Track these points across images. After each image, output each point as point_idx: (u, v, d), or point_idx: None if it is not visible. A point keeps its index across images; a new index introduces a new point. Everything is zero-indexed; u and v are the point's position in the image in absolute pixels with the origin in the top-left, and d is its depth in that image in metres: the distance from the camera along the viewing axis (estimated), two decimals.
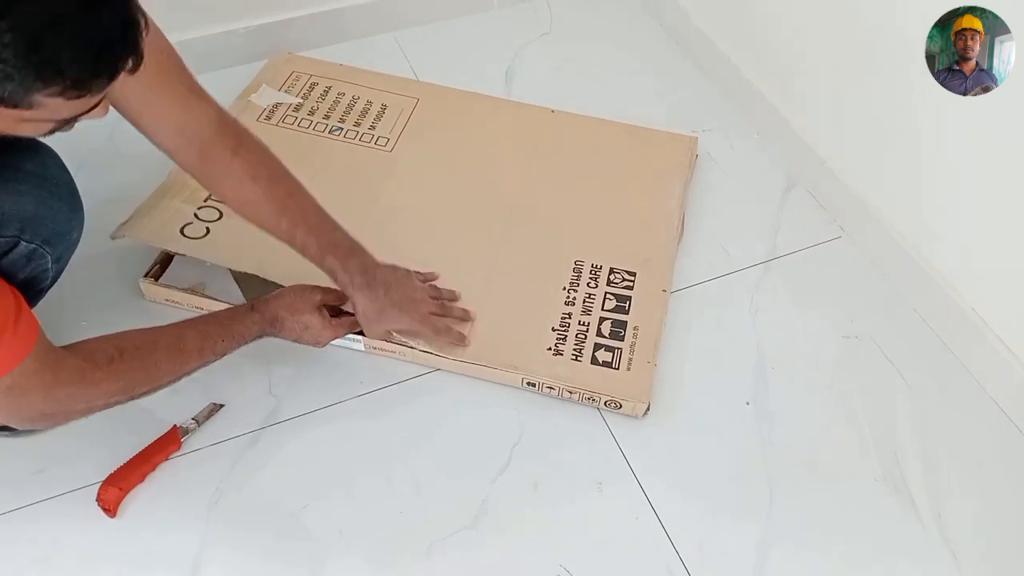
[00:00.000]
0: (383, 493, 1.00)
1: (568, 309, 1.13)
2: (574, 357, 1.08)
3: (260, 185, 0.95)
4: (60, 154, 0.91)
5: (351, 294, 1.01)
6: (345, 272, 0.99)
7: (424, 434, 1.05)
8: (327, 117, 1.37)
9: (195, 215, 1.17)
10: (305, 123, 1.36)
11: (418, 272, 1.11)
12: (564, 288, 1.16)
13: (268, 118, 1.35)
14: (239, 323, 0.96)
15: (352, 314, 1.03)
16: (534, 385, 1.07)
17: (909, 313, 1.20)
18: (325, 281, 1.02)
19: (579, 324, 1.11)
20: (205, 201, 1.18)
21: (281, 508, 0.98)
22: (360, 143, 1.34)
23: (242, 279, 1.15)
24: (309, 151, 1.30)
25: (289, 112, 1.37)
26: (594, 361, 1.08)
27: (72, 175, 0.92)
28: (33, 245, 0.86)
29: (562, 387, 1.06)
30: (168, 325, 0.91)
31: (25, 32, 0.56)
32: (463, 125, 1.38)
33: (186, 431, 1.01)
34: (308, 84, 1.42)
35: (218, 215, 1.17)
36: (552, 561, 0.95)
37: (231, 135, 0.94)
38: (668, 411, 1.08)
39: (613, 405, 1.06)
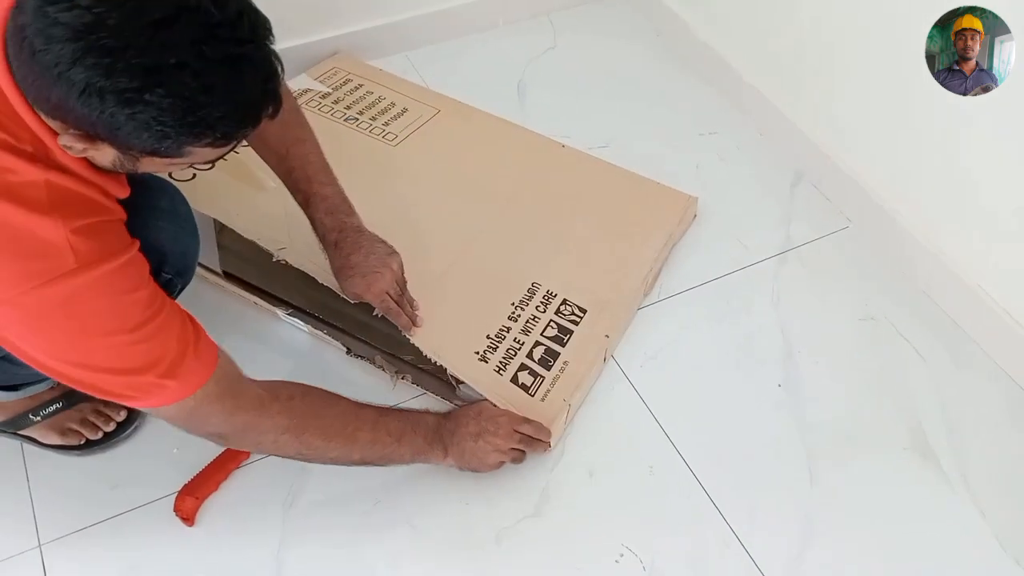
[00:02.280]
0: (446, 487, 1.04)
1: (509, 324, 1.14)
2: (497, 369, 1.09)
3: (275, 122, 0.97)
4: None
5: (324, 247, 1.05)
6: (322, 224, 1.03)
7: None
8: (348, 108, 1.45)
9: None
10: (326, 109, 1.44)
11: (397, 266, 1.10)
12: (513, 303, 1.17)
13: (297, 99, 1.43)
14: (416, 412, 1.00)
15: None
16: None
17: (918, 293, 1.28)
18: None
19: (514, 341, 1.12)
20: None
21: (353, 507, 1.02)
22: (369, 134, 1.40)
23: (223, 247, 1.18)
24: (316, 129, 1.31)
25: (315, 98, 1.46)
26: (514, 380, 1.08)
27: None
28: (169, 276, 0.90)
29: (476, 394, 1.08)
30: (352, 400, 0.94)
31: (182, 97, 0.61)
32: (472, 140, 1.43)
33: None
34: (343, 79, 1.51)
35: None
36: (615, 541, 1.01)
37: None
38: (707, 398, 1.15)
39: None
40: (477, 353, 1.11)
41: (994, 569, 1.01)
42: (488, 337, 1.13)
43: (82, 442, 1.05)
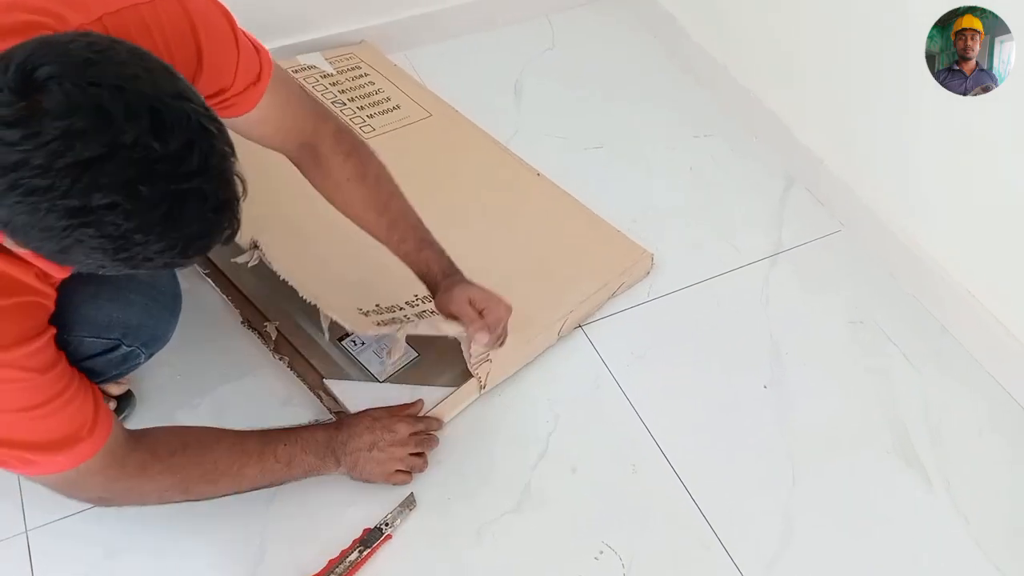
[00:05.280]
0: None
1: (403, 305, 1.14)
2: (376, 324, 1.10)
3: (368, 185, 0.99)
4: None
5: (439, 285, 1.02)
6: (432, 270, 1.02)
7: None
8: (342, 92, 1.47)
9: None
10: (320, 88, 1.46)
11: None
12: (416, 294, 1.14)
13: (296, 72, 1.46)
14: (304, 429, 0.99)
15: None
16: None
17: (907, 298, 1.29)
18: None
19: (401, 312, 1.13)
20: None
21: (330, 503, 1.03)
22: (348, 121, 1.40)
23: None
24: None
25: (315, 75, 1.48)
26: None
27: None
28: (131, 348, 0.91)
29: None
30: (237, 430, 0.95)
31: (112, 237, 0.59)
32: (447, 150, 1.42)
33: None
34: (352, 66, 1.54)
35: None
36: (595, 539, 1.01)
37: (346, 143, 0.98)
38: (692, 398, 1.15)
39: None
40: (360, 309, 1.11)
41: (974, 574, 1.01)
42: (377, 305, 1.13)
43: None
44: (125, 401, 1.09)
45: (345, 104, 1.45)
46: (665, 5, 1.67)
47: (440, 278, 1.02)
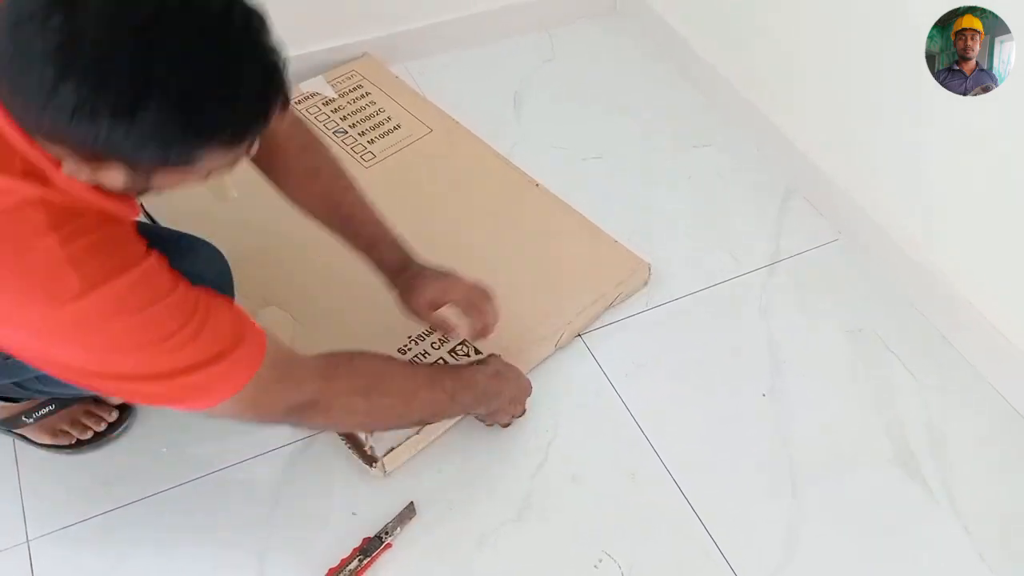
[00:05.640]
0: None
1: (397, 355, 1.13)
2: None
3: (321, 180, 1.00)
4: None
5: (394, 282, 1.04)
6: (390, 262, 1.03)
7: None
8: (344, 119, 1.48)
9: None
10: (323, 117, 1.48)
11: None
12: (409, 337, 1.15)
13: (299, 102, 1.47)
14: (466, 369, 1.02)
15: None
16: None
17: (907, 307, 1.29)
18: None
19: None
20: None
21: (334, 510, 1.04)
22: (350, 151, 1.42)
23: None
24: None
25: (318, 103, 1.50)
26: None
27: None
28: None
29: None
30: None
31: (178, 102, 0.58)
32: (447, 167, 1.43)
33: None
34: (353, 85, 1.55)
35: None
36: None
37: (301, 135, 0.99)
38: (692, 408, 1.15)
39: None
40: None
41: None
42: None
43: (72, 442, 1.06)
44: (127, 411, 1.09)
45: (347, 132, 1.46)
46: (665, 17, 1.69)
47: (393, 275, 1.04)
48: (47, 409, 1.05)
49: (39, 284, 0.65)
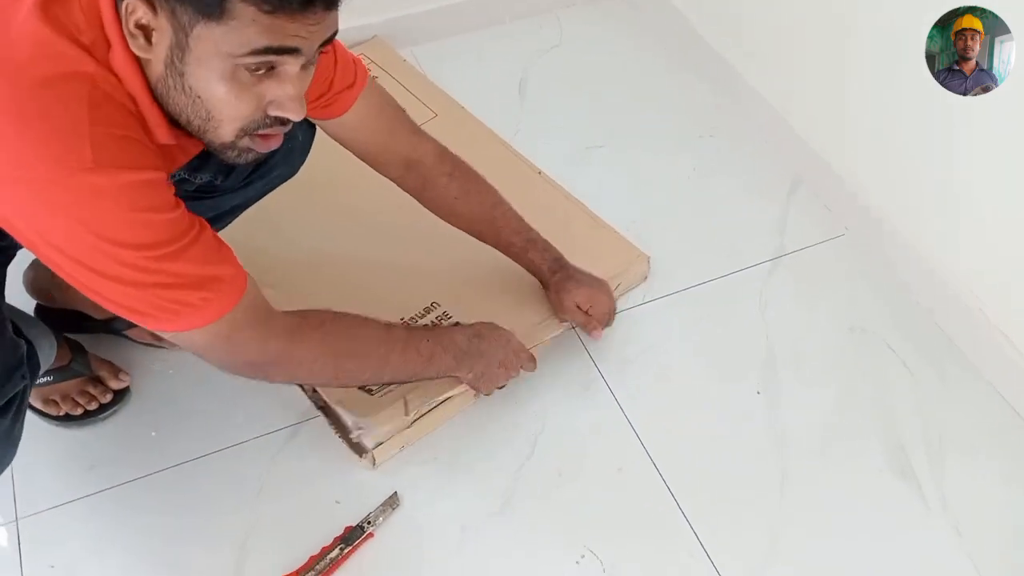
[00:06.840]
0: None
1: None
2: None
3: (472, 201, 1.11)
4: None
5: (548, 282, 1.15)
6: (540, 266, 1.15)
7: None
8: None
9: None
10: None
11: None
12: (402, 318, 1.15)
13: None
14: (446, 331, 1.03)
15: None
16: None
17: (912, 306, 1.25)
18: None
19: None
20: None
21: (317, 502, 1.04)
22: None
23: None
24: None
25: None
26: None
27: None
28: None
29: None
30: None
31: None
32: (452, 149, 1.38)
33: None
34: None
35: None
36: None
37: (448, 163, 1.09)
38: (683, 404, 1.14)
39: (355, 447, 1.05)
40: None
41: None
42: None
43: (61, 414, 1.07)
44: (120, 396, 1.10)
45: None
46: (675, 3, 1.65)
47: (548, 275, 1.15)
48: (46, 379, 1.06)
49: (56, 143, 0.66)
